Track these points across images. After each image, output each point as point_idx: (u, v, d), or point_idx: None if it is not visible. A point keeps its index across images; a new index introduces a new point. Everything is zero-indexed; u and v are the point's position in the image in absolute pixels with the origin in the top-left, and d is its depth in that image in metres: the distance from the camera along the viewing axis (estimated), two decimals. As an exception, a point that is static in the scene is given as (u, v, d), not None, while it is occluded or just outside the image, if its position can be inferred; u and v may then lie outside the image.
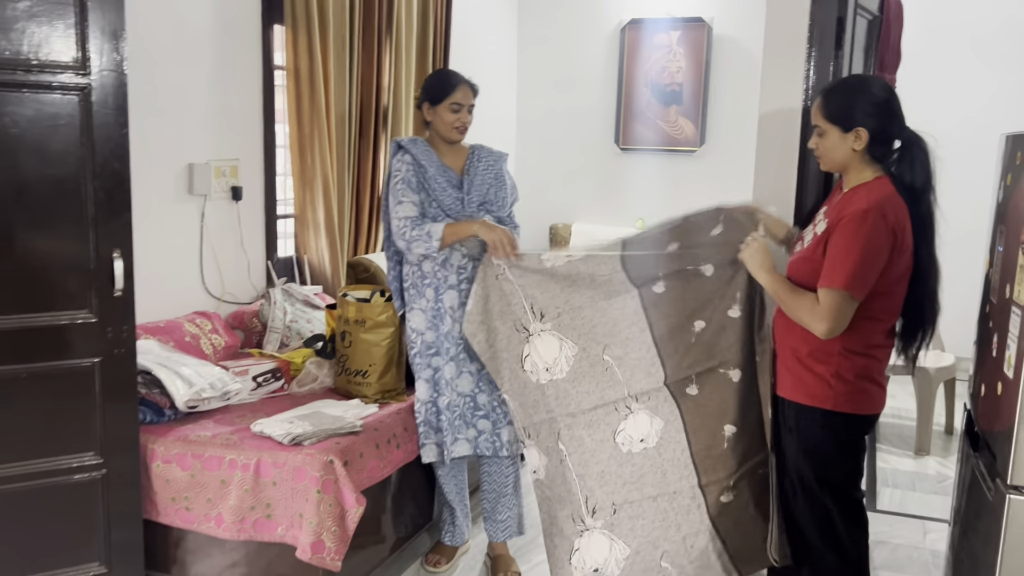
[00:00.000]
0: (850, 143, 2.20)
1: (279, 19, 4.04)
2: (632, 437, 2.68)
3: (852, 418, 2.28)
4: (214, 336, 3.48)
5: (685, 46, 6.37)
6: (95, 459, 2.58)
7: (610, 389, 2.69)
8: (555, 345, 2.72)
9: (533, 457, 2.78)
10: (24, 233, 2.40)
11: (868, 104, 2.18)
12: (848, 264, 2.12)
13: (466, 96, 2.96)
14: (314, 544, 2.57)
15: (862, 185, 2.23)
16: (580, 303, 2.70)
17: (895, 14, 3.28)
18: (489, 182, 3.05)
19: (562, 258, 2.70)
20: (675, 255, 2.61)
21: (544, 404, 2.75)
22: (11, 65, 2.30)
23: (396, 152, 2.99)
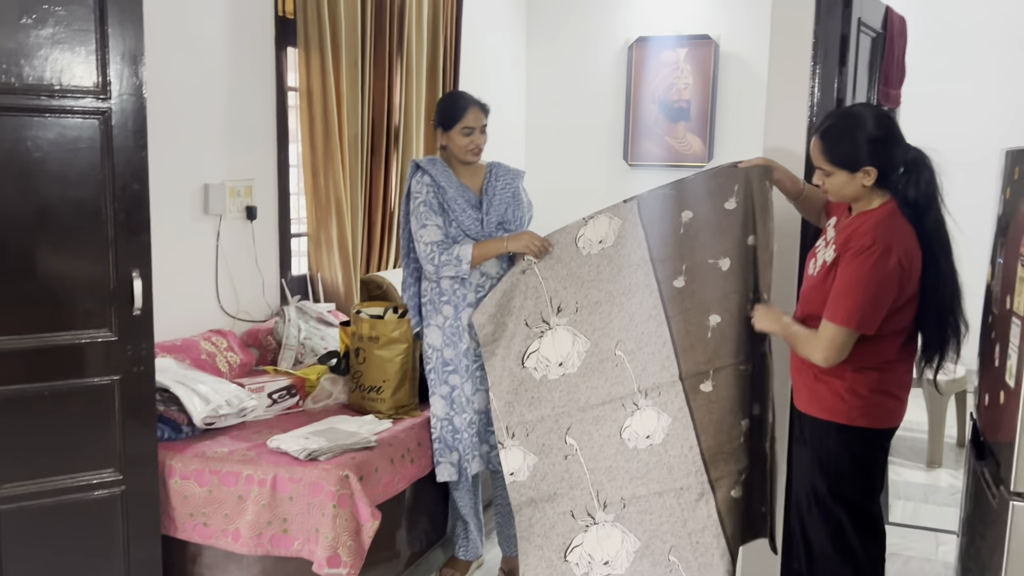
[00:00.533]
0: (859, 181, 2.21)
1: (292, 42, 4.12)
2: (638, 434, 2.70)
3: (867, 432, 2.28)
4: (230, 354, 3.54)
5: (692, 63, 6.43)
6: (114, 476, 2.63)
7: (618, 384, 2.72)
8: (568, 340, 2.77)
9: (514, 458, 2.80)
10: (46, 254, 2.46)
11: (869, 142, 2.18)
12: (853, 301, 2.14)
13: (477, 118, 3.00)
14: (330, 558, 2.61)
15: (871, 213, 2.23)
16: (599, 298, 2.75)
17: (898, 31, 3.32)
18: (507, 201, 3.09)
19: (595, 245, 2.74)
20: (694, 239, 2.61)
21: (550, 400, 2.79)
22: (35, 90, 2.37)
23: (415, 172, 3.03)
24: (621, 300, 2.72)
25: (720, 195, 2.58)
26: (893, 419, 2.33)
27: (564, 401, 2.78)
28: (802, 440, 2.43)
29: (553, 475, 2.78)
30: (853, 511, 2.33)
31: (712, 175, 2.61)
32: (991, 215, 2.69)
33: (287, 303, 4.05)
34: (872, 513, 2.37)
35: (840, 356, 2.19)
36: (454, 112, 2.99)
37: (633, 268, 2.70)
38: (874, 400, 2.26)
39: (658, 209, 2.67)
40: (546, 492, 2.79)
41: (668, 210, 2.66)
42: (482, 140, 3.03)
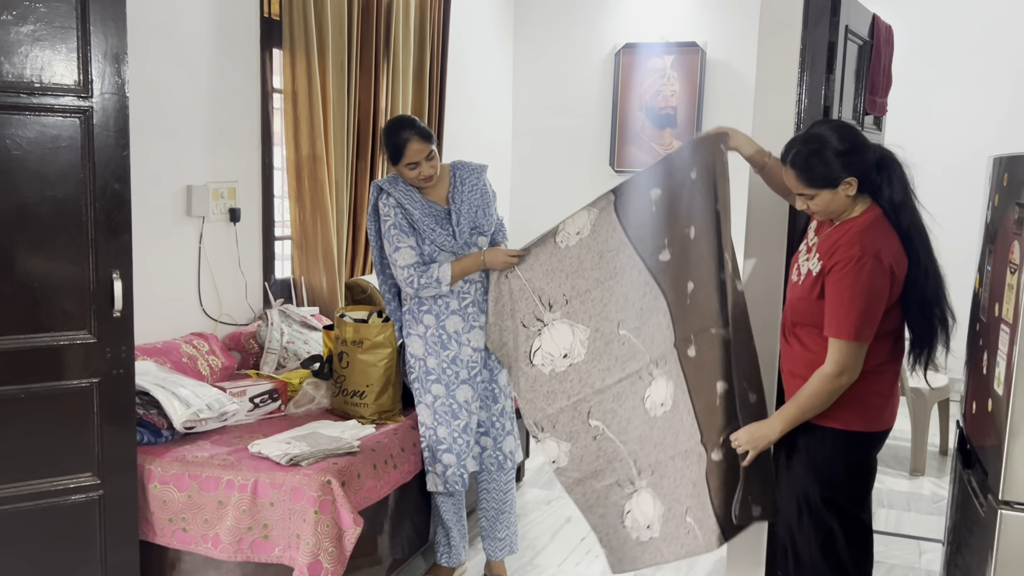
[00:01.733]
0: (843, 193, 2.23)
1: (277, 43, 4.09)
2: (656, 402, 2.73)
3: (862, 436, 2.29)
4: (211, 357, 3.50)
5: (679, 70, 6.44)
6: (92, 480, 2.58)
7: (632, 360, 2.76)
8: (567, 332, 2.84)
9: (551, 448, 2.88)
10: (25, 254, 2.42)
11: (841, 156, 2.20)
12: (853, 315, 2.15)
13: (419, 150, 2.90)
14: (311, 565, 2.57)
15: (855, 221, 2.24)
16: (586, 286, 2.81)
17: (885, 39, 3.32)
18: (476, 203, 3.03)
19: (573, 236, 2.81)
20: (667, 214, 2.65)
21: (563, 392, 2.86)
22: (14, 88, 2.33)
23: (379, 195, 2.98)
24: (610, 284, 2.78)
25: (683, 168, 2.61)
26: (887, 421, 2.34)
27: (577, 389, 2.83)
28: (794, 447, 2.41)
29: (588, 455, 2.84)
30: (845, 519, 2.33)
31: (676, 152, 2.67)
32: (977, 221, 2.70)
33: (270, 306, 4.01)
34: (863, 522, 2.37)
35: (858, 369, 2.20)
36: (395, 148, 2.91)
37: (613, 252, 2.76)
38: (866, 403, 2.27)
39: (628, 193, 2.74)
40: (588, 471, 2.85)
41: (637, 192, 2.72)
42: (429, 168, 2.93)
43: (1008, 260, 2.16)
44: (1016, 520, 2.07)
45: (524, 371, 2.92)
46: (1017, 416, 2.04)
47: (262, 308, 4.07)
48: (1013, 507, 2.07)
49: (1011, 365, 2.06)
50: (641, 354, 2.74)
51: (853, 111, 3.19)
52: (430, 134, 2.96)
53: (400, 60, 4.91)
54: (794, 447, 2.41)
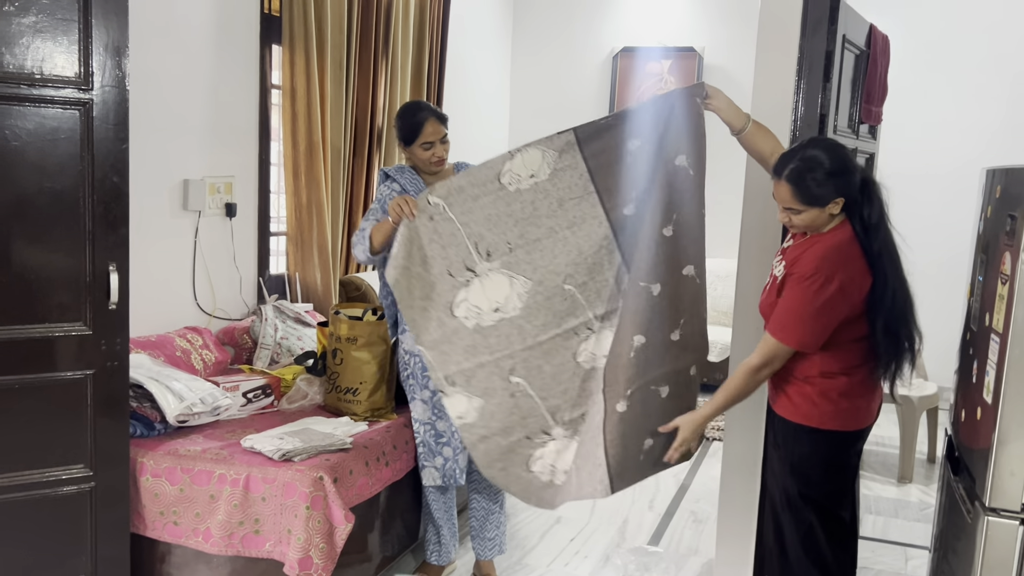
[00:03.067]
0: (829, 211, 2.28)
1: (277, 39, 4.10)
2: (595, 354, 2.67)
3: (837, 435, 2.34)
4: (205, 352, 3.50)
5: (676, 75, 6.47)
6: (85, 472, 2.58)
7: (571, 316, 2.65)
8: (505, 283, 2.64)
9: (459, 403, 2.68)
10: (21, 245, 2.42)
11: (832, 177, 2.24)
12: (796, 324, 2.26)
13: (435, 131, 2.96)
14: (302, 560, 2.58)
15: (824, 237, 2.30)
16: (537, 235, 2.63)
17: (881, 49, 3.35)
18: None
19: (526, 179, 2.60)
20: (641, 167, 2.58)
21: (487, 346, 2.67)
22: (14, 79, 2.34)
23: (383, 180, 3.04)
24: (565, 234, 2.62)
25: (658, 120, 2.58)
26: (862, 421, 2.38)
27: (504, 344, 2.66)
28: (775, 443, 2.49)
29: (501, 412, 2.69)
30: (823, 515, 2.38)
31: (651, 102, 2.62)
32: (969, 231, 2.72)
33: (264, 302, 4.02)
34: (842, 518, 2.42)
35: (775, 368, 2.34)
36: (412, 129, 2.96)
37: (575, 200, 2.61)
38: (843, 404, 2.32)
39: (602, 140, 2.60)
40: (497, 428, 2.70)
41: (613, 139, 2.60)
42: (443, 150, 3.00)
43: (1000, 271, 2.18)
44: (1002, 527, 2.09)
45: (443, 321, 2.66)
46: (1005, 424, 2.06)
47: (256, 303, 4.08)
48: (999, 514, 2.10)
49: (1001, 374, 2.08)
50: (582, 310, 2.64)
51: (849, 120, 3.21)
52: (446, 117, 3.02)
53: (399, 59, 4.92)
54: (775, 443, 2.48)
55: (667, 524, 3.88)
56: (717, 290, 6.17)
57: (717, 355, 5.69)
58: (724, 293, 6.10)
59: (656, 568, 3.44)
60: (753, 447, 2.89)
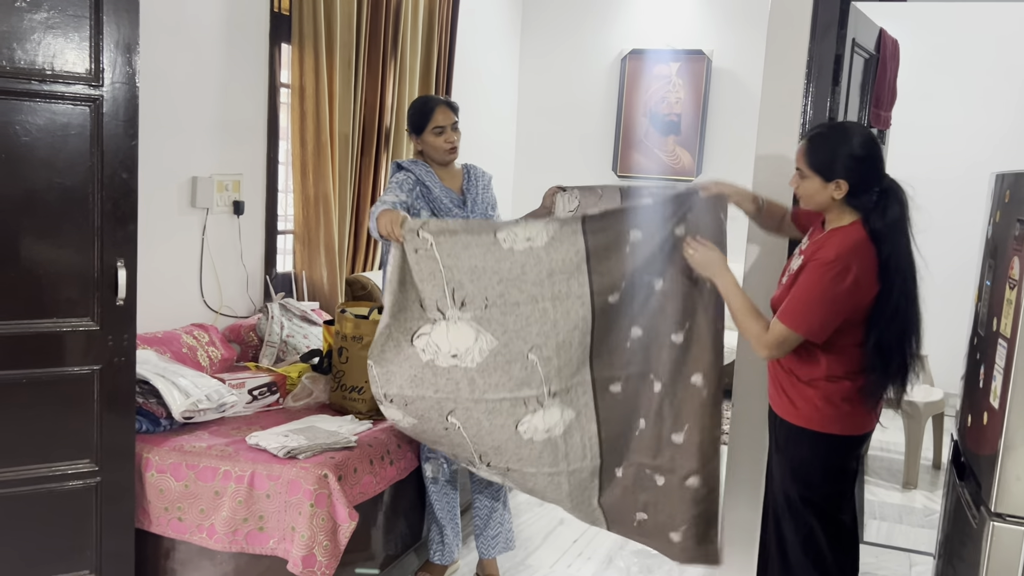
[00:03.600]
0: (830, 191, 2.26)
1: (286, 38, 4.11)
2: (537, 428, 2.60)
3: (839, 439, 2.33)
4: (211, 348, 3.51)
5: (685, 77, 6.47)
6: (90, 467, 2.59)
7: (525, 386, 2.57)
8: (470, 335, 2.56)
9: (394, 414, 2.71)
10: (30, 240, 2.43)
11: (850, 158, 2.23)
12: (807, 310, 2.22)
13: (446, 117, 3.00)
14: (305, 558, 2.58)
15: (838, 229, 2.29)
16: (518, 299, 2.52)
17: (891, 53, 3.35)
18: (489, 201, 3.15)
19: (521, 240, 2.48)
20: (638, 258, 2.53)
21: (433, 384, 2.63)
22: (26, 75, 2.35)
23: (396, 171, 3.04)
24: (546, 306, 2.52)
25: (672, 220, 2.51)
26: (863, 426, 2.37)
27: (451, 389, 2.61)
28: (777, 447, 2.49)
29: (433, 435, 2.72)
30: (823, 518, 2.38)
31: (668, 200, 2.52)
32: (977, 235, 2.72)
33: (271, 300, 4.02)
34: (842, 522, 2.41)
35: (782, 355, 2.30)
36: (423, 115, 2.99)
37: (566, 275, 2.49)
38: (845, 408, 2.31)
39: (604, 224, 2.50)
40: (429, 442, 2.81)
41: (615, 227, 2.51)
42: (455, 137, 3.03)
43: (1007, 275, 2.18)
44: (1007, 532, 2.09)
45: (399, 343, 2.63)
46: (1012, 429, 2.06)
47: (263, 301, 4.09)
48: (1005, 519, 2.09)
49: (1008, 379, 2.08)
50: (538, 383, 2.56)
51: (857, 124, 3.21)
52: (456, 107, 3.05)
53: (407, 59, 4.93)
54: (776, 447, 2.48)
55: (671, 527, 3.87)
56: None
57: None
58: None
59: (659, 571, 3.43)
60: (757, 451, 2.89)
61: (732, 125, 6.36)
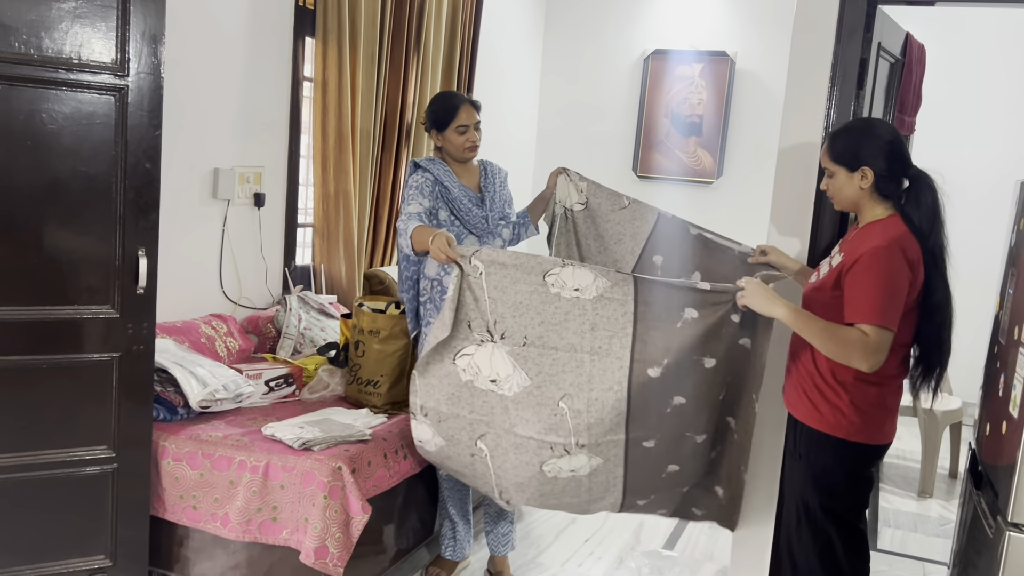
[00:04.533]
0: (857, 182, 2.25)
1: (310, 32, 4.12)
2: (561, 468, 2.59)
3: (863, 448, 2.29)
4: (229, 339, 3.53)
5: (708, 79, 6.44)
6: (107, 453, 2.62)
7: (553, 433, 2.56)
8: (508, 366, 2.58)
9: (423, 431, 2.80)
10: (54, 227, 2.46)
11: (872, 145, 2.23)
12: (879, 300, 2.12)
13: (470, 116, 3.00)
14: (318, 549, 2.59)
15: (877, 222, 2.26)
16: (557, 344, 2.52)
17: (917, 58, 3.32)
18: (505, 198, 3.17)
19: (569, 289, 2.49)
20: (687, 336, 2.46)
21: (469, 404, 2.67)
22: (53, 63, 2.37)
23: (414, 171, 3.02)
24: (583, 358, 2.50)
25: (724, 306, 2.44)
26: (888, 435, 2.34)
27: (485, 412, 2.65)
28: (796, 454, 2.43)
29: (458, 461, 2.78)
30: (842, 527, 2.35)
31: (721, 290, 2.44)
32: (1000, 243, 2.69)
33: (289, 292, 4.05)
34: (860, 530, 2.39)
35: (883, 357, 2.13)
36: (447, 112, 2.98)
37: (608, 335, 2.48)
38: (872, 415, 2.27)
39: (659, 294, 2.47)
40: (452, 469, 2.87)
41: (670, 301, 2.47)
42: (478, 137, 3.03)
43: (1030, 284, 2.16)
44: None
45: (443, 359, 2.66)
46: (1031, 440, 2.04)
47: (281, 293, 4.11)
48: (1022, 530, 2.07)
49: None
50: (567, 433, 2.54)
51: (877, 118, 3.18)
52: (479, 105, 3.06)
53: (430, 55, 4.93)
54: (795, 454, 2.43)
55: (683, 529, 3.86)
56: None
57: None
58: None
59: (670, 572, 3.42)
60: (772, 453, 2.87)
61: (754, 127, 6.32)
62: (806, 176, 2.77)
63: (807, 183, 2.76)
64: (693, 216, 3.03)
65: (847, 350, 2.13)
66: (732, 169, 6.43)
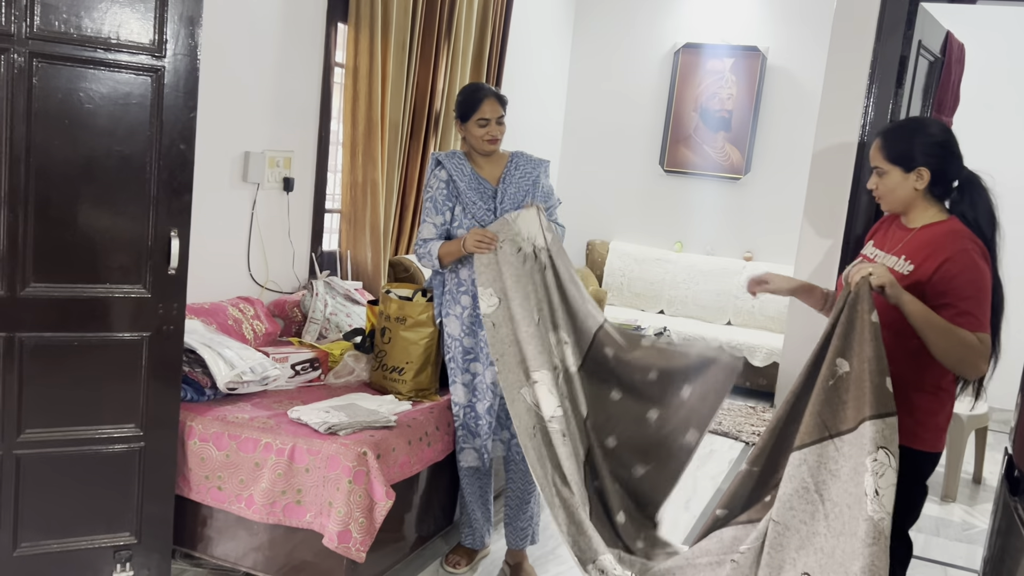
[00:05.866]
0: (912, 182, 2.19)
1: (343, 18, 4.12)
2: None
3: (925, 456, 2.24)
4: (256, 322, 3.55)
5: (738, 74, 6.38)
6: (135, 431, 2.64)
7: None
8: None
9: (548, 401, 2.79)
10: (88, 206, 2.47)
11: (928, 144, 2.17)
12: (984, 307, 2.08)
13: (493, 110, 2.99)
14: (341, 533, 2.61)
15: (940, 224, 2.19)
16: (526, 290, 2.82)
17: (957, 57, 3.28)
18: (526, 189, 3.07)
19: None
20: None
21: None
22: (91, 43, 2.38)
23: (434, 167, 3.06)
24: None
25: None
26: (940, 444, 2.27)
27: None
28: None
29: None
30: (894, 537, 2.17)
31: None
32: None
33: (316, 277, 4.06)
34: (910, 540, 2.33)
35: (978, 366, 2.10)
36: (470, 104, 3.00)
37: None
38: (930, 423, 2.21)
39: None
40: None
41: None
42: (498, 131, 3.02)
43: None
44: (1059, 552, 2.03)
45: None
46: (1067, 447, 2.00)
47: (308, 278, 4.12)
48: (1058, 539, 2.04)
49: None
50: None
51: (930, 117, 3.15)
52: (505, 100, 3.06)
53: (460, 44, 4.92)
54: None
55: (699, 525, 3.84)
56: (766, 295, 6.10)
57: (762, 360, 5.63)
58: (773, 299, 6.02)
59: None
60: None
61: (785, 124, 6.26)
62: (842, 173, 2.75)
63: (843, 180, 2.74)
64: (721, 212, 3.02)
65: (967, 353, 2.06)
66: (761, 165, 6.38)
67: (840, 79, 2.79)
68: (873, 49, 2.73)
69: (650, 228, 6.74)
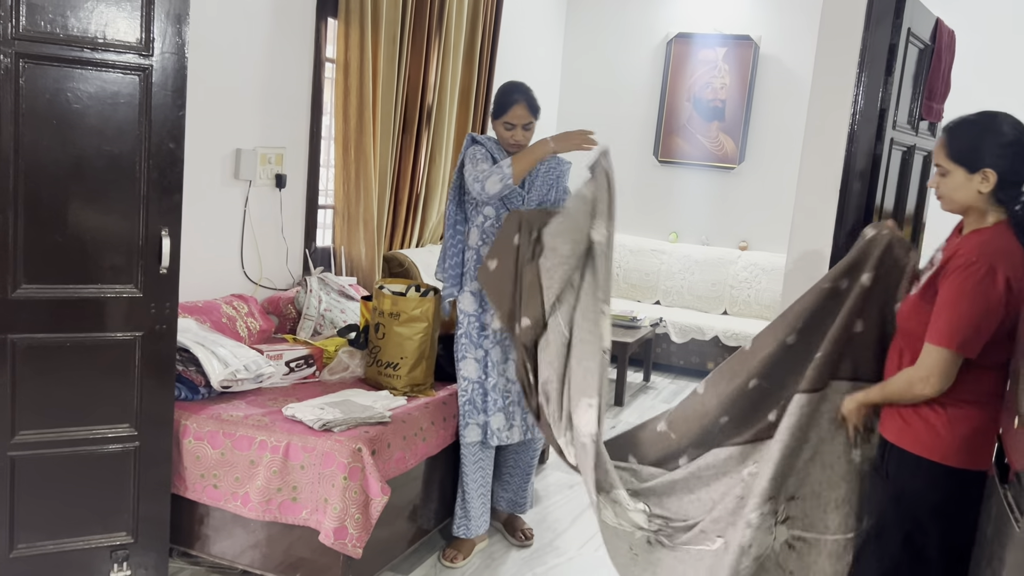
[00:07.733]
0: (976, 184, 2.02)
1: (333, 13, 4.11)
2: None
3: (959, 473, 2.05)
4: (250, 319, 3.55)
5: (731, 63, 6.38)
6: (129, 431, 2.64)
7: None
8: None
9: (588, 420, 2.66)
10: (78, 206, 2.47)
11: (997, 144, 2.00)
12: (954, 321, 1.95)
13: (521, 116, 3.06)
14: (337, 529, 2.61)
15: (978, 231, 2.05)
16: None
17: (947, 44, 3.26)
18: (550, 183, 3.21)
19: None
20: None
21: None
22: (78, 42, 2.37)
23: (471, 144, 3.12)
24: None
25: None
26: (986, 460, 2.06)
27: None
28: (883, 471, 2.20)
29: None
30: (917, 561, 2.10)
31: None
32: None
33: (310, 273, 4.06)
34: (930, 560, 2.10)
35: (948, 381, 1.99)
36: (501, 105, 3.09)
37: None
38: (972, 438, 2.03)
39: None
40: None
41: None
42: (523, 137, 3.09)
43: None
44: (1051, 538, 2.03)
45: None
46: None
47: (302, 275, 4.12)
48: (1051, 525, 2.03)
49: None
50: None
51: (909, 115, 3.14)
52: (538, 107, 3.13)
53: (452, 37, 4.91)
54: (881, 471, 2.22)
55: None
56: (761, 283, 6.11)
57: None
58: (768, 287, 6.03)
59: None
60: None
61: (778, 113, 6.27)
62: (833, 162, 2.75)
63: (833, 169, 2.73)
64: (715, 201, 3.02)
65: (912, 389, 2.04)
66: (755, 155, 6.38)
67: (830, 67, 2.78)
68: (862, 38, 2.72)
69: (645, 219, 6.73)
